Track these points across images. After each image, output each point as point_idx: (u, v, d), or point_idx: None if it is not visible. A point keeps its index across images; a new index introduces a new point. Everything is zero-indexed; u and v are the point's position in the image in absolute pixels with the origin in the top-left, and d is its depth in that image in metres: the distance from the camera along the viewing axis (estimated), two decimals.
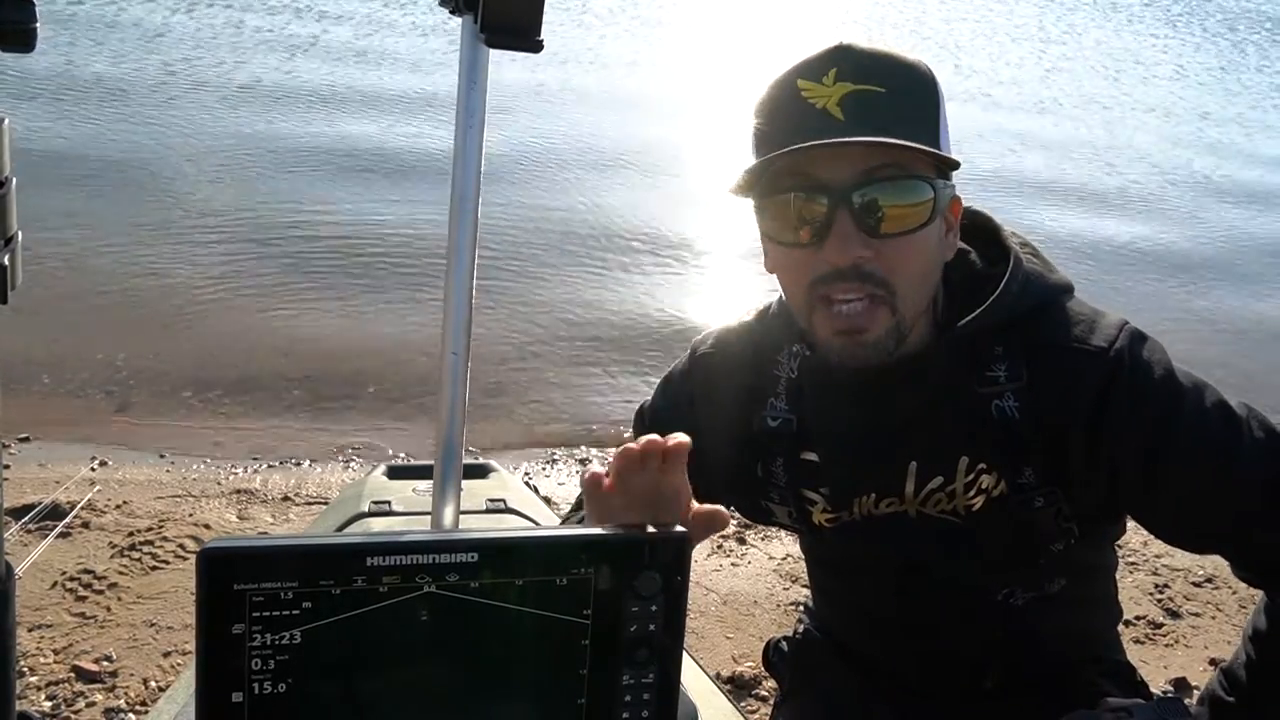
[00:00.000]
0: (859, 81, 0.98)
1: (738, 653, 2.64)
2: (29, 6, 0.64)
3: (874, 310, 1.00)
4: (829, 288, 1.00)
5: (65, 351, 3.86)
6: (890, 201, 0.99)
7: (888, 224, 0.99)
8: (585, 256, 5.28)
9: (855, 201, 0.98)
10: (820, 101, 0.98)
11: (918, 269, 1.02)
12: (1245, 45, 16.46)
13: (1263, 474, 1.02)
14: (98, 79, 7.10)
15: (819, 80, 0.99)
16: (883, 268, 0.99)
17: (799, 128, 0.99)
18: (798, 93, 1.00)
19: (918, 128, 0.99)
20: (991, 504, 1.10)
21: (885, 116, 0.98)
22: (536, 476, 3.53)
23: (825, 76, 0.99)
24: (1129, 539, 3.28)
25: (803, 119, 0.99)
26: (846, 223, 0.98)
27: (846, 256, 0.98)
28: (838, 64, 0.99)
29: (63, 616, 2.48)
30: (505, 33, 0.92)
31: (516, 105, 7.33)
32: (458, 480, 1.07)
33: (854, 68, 0.99)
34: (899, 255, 1.00)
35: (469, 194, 1.01)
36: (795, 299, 1.06)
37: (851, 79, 0.98)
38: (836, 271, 0.99)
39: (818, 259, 1.00)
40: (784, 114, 1.01)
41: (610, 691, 0.70)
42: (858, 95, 0.98)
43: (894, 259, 1.00)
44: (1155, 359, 1.05)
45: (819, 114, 0.98)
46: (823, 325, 1.03)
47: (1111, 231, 6.69)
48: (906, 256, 1.01)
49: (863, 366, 1.03)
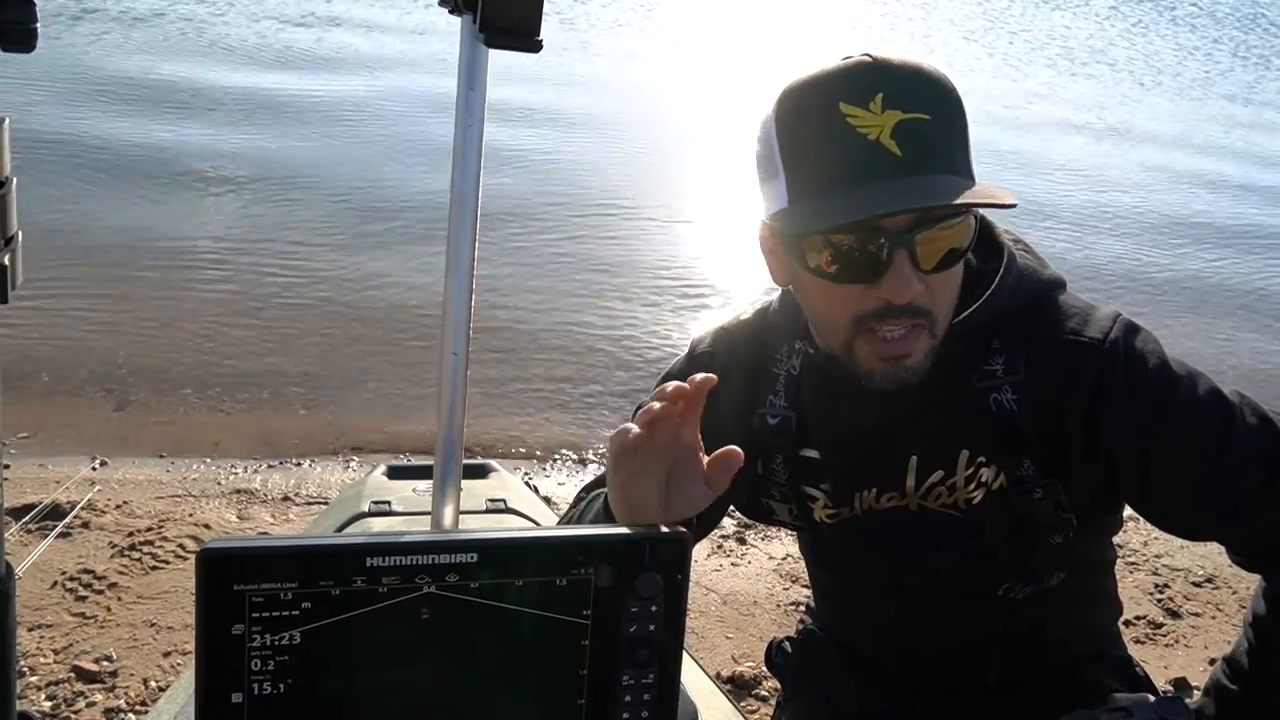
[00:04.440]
0: (908, 109, 0.96)
1: (738, 653, 2.64)
2: (30, 6, 0.64)
3: (916, 336, 1.01)
4: (877, 322, 1.01)
5: (65, 351, 3.86)
6: (946, 241, 0.99)
7: (939, 260, 0.99)
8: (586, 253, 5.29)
9: (914, 243, 0.97)
10: (872, 133, 0.96)
11: (954, 292, 1.04)
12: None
13: (1258, 458, 1.04)
14: (115, 77, 7.10)
15: (865, 106, 0.96)
16: (930, 300, 1.00)
17: (855, 164, 0.96)
18: (843, 119, 0.96)
19: (962, 155, 1.00)
20: (991, 497, 1.10)
21: (938, 148, 0.97)
22: (536, 476, 3.53)
23: (872, 102, 0.96)
24: (1129, 538, 3.28)
25: (859, 154, 0.96)
26: (905, 264, 0.97)
27: (905, 296, 0.98)
28: (882, 87, 0.96)
29: (63, 616, 2.48)
30: (504, 33, 0.92)
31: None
32: (458, 480, 1.07)
33: (898, 90, 0.96)
34: (943, 286, 1.02)
35: (469, 194, 1.01)
36: (833, 327, 1.05)
37: (900, 106, 0.96)
38: (889, 309, 0.99)
39: (869, 295, 0.99)
40: (831, 144, 0.98)
41: (610, 692, 0.70)
42: (909, 125, 0.96)
43: (939, 290, 1.01)
44: (1149, 349, 1.06)
45: (875, 149, 0.95)
46: (865, 353, 1.03)
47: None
48: (949, 286, 1.02)
49: (903, 387, 1.04)
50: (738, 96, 7.98)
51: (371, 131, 6.80)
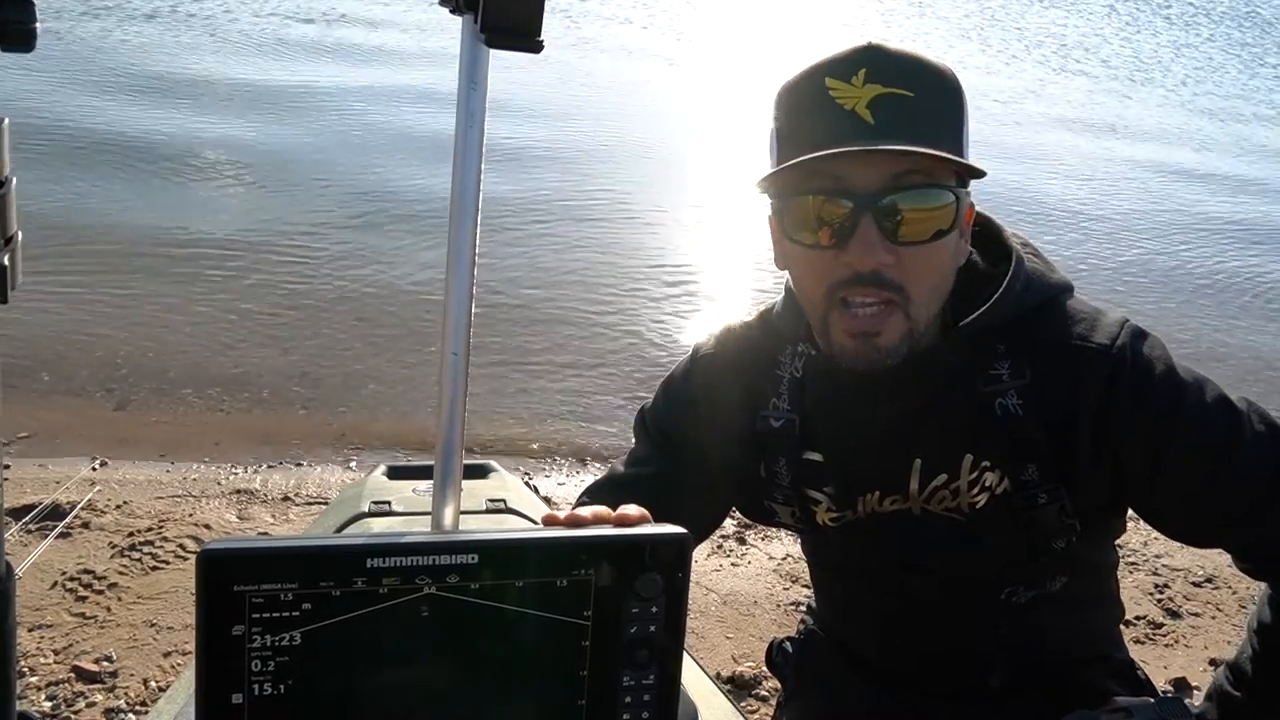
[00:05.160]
0: (889, 84, 0.97)
1: (738, 653, 2.64)
2: (29, 6, 0.64)
3: (889, 314, 1.00)
4: (847, 291, 1.00)
5: (65, 351, 3.86)
6: (914, 208, 0.98)
7: (910, 231, 0.98)
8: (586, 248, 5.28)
9: (880, 207, 0.97)
10: (849, 103, 0.97)
11: (935, 276, 1.02)
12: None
13: (1264, 466, 1.04)
14: (109, 68, 7.10)
15: (848, 80, 0.98)
16: (901, 274, 0.99)
17: (828, 129, 0.98)
18: (825, 92, 0.99)
19: (944, 134, 0.99)
20: (995, 501, 1.10)
21: (914, 121, 0.97)
22: (536, 476, 3.53)
23: (854, 77, 0.98)
24: (1129, 539, 3.28)
25: (832, 120, 0.98)
26: (870, 228, 0.97)
27: (869, 262, 0.98)
28: (867, 64, 0.98)
29: (63, 616, 2.48)
30: (506, 33, 0.92)
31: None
32: (458, 480, 1.06)
33: (883, 69, 0.98)
34: (918, 262, 1.00)
35: (469, 194, 1.01)
36: (811, 299, 1.06)
37: (881, 81, 0.97)
38: (856, 276, 0.99)
39: (838, 262, 1.00)
40: (812, 114, 1.00)
41: (610, 693, 0.70)
42: (887, 98, 0.97)
43: (913, 266, 1.00)
44: (1156, 355, 1.06)
45: (849, 116, 0.97)
46: (838, 327, 1.03)
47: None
48: (925, 263, 1.01)
49: (872, 369, 1.04)
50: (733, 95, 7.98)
51: (373, 131, 6.80)
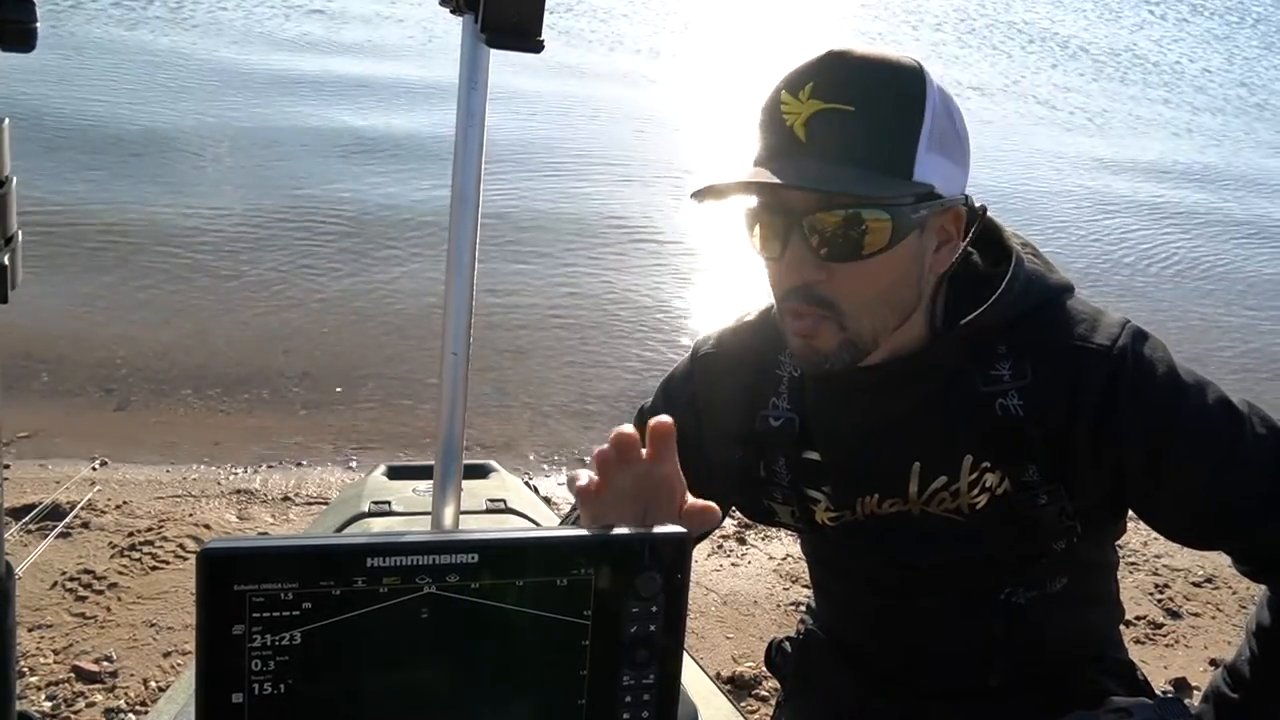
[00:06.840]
0: (830, 99, 0.97)
1: (738, 653, 2.64)
2: (29, 6, 0.64)
3: (820, 326, 1.02)
4: (784, 301, 1.04)
5: (65, 351, 3.86)
6: (840, 230, 0.98)
7: (838, 251, 0.98)
8: (587, 249, 5.28)
9: (805, 227, 0.98)
10: (790, 119, 0.98)
11: (870, 294, 1.01)
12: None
13: (1265, 468, 1.03)
14: (102, 66, 7.10)
15: (796, 95, 0.98)
16: (832, 290, 1.00)
17: (768, 145, 1.01)
18: (778, 105, 1.00)
19: (887, 149, 0.98)
20: (995, 502, 1.10)
21: (852, 140, 0.97)
22: (536, 476, 3.53)
23: (802, 91, 0.98)
24: (1129, 539, 3.28)
25: (774, 136, 1.00)
26: (799, 245, 0.99)
27: (797, 278, 1.00)
28: (816, 77, 0.98)
29: (63, 616, 2.48)
30: (506, 33, 0.93)
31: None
32: (458, 480, 1.07)
33: (830, 82, 0.97)
34: (849, 281, 1.00)
35: (469, 194, 1.01)
36: (775, 306, 1.09)
37: (823, 96, 0.97)
38: (791, 289, 1.02)
39: (779, 272, 1.03)
40: (764, 126, 1.02)
41: (610, 692, 0.70)
42: (825, 114, 0.97)
43: (843, 284, 1.00)
44: (1158, 356, 1.06)
45: (787, 133, 0.99)
46: (788, 331, 1.05)
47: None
48: (859, 280, 1.00)
49: (819, 375, 1.07)
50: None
51: (374, 130, 6.80)
